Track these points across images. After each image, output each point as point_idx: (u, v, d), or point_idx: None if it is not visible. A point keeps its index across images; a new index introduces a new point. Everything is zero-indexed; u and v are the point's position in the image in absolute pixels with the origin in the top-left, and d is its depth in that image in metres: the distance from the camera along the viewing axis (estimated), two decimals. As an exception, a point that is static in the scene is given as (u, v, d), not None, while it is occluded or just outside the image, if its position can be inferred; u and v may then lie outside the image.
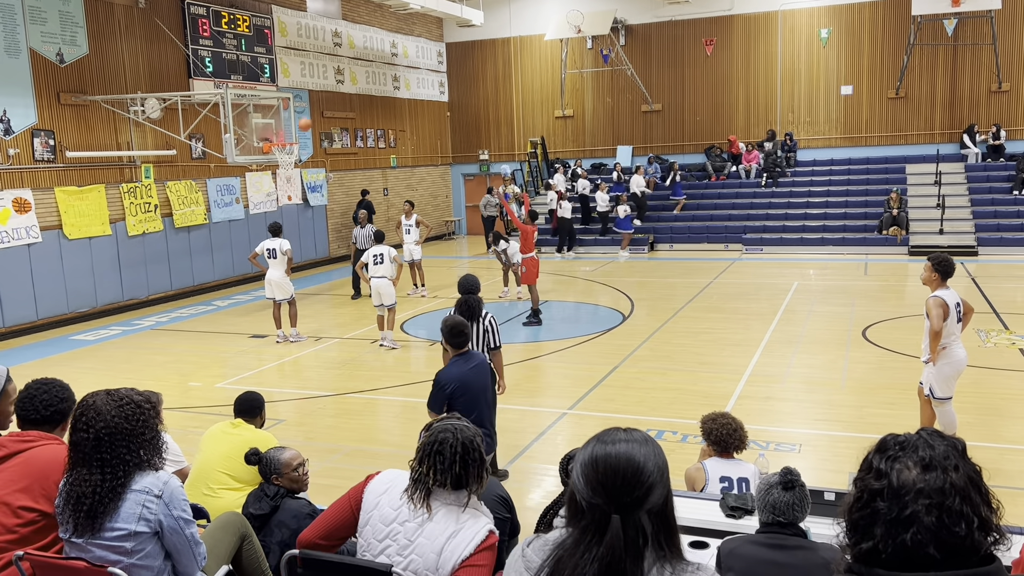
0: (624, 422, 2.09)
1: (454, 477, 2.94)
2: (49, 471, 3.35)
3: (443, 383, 5.77)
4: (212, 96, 15.88)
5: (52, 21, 14.42)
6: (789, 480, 3.45)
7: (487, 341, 6.94)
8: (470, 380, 5.86)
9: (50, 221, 14.46)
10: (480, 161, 27.94)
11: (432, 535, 2.91)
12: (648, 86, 25.52)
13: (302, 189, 20.87)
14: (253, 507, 4.41)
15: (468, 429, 3.05)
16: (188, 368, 11.44)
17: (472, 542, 2.87)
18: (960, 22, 22.27)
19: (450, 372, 5.84)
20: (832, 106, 24.13)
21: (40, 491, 3.33)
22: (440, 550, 2.88)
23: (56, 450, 3.45)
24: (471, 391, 5.84)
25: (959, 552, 1.47)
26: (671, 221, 23.02)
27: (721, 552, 3.38)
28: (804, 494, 3.43)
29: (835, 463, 7.06)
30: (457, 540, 2.88)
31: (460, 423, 3.07)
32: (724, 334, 12.17)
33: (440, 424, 3.07)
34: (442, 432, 3.00)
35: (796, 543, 3.29)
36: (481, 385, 5.97)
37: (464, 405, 5.65)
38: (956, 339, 6.80)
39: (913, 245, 19.78)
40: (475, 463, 2.99)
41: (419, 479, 2.97)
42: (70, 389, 3.69)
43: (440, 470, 2.93)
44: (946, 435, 1.60)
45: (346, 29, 22.68)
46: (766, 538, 3.35)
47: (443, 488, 2.95)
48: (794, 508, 3.39)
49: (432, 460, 2.95)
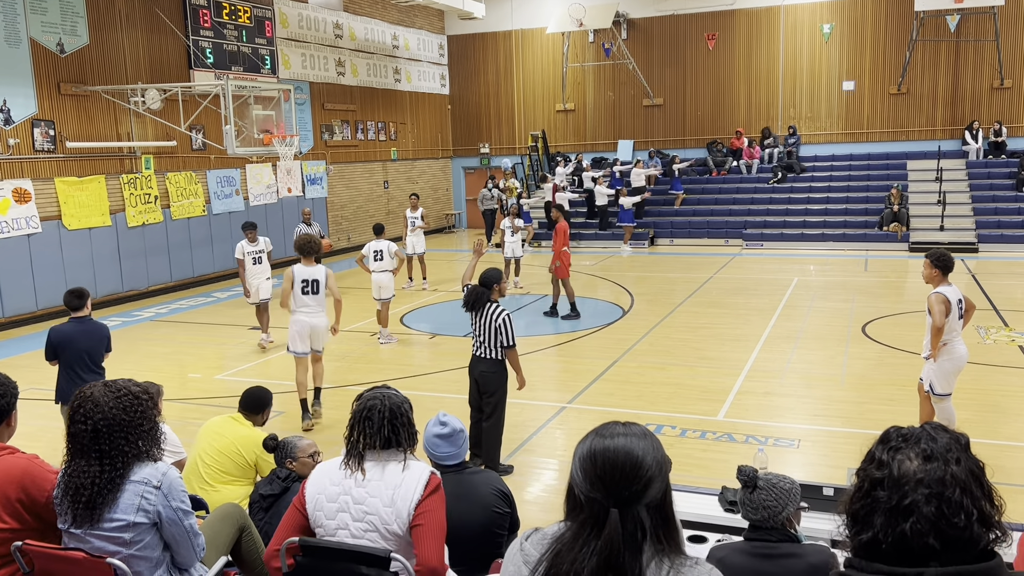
0: (623, 416, 2.09)
1: (383, 439, 3.15)
2: (4, 487, 3.24)
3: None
4: (213, 87, 15.85)
5: (53, 11, 14.38)
6: (743, 479, 3.37)
7: (500, 340, 6.85)
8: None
9: (50, 211, 14.44)
10: (481, 154, 27.91)
11: (378, 491, 3.09)
12: (649, 80, 25.47)
13: (302, 181, 20.85)
14: (264, 488, 4.46)
15: (396, 395, 3.29)
16: (188, 359, 11.44)
17: (418, 486, 3.08)
18: (963, 18, 22.22)
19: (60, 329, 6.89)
20: (834, 102, 24.09)
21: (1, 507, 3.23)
22: (391, 501, 3.07)
23: (7, 462, 3.29)
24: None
25: (959, 544, 1.47)
26: (671, 216, 22.99)
27: (710, 559, 3.32)
28: (760, 497, 3.28)
29: (834, 459, 7.06)
30: (403, 489, 3.08)
31: (389, 390, 3.31)
32: (724, 329, 12.17)
33: (369, 392, 3.30)
34: (371, 399, 3.24)
35: (783, 551, 3.20)
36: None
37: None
38: (957, 336, 6.80)
39: (914, 242, 19.76)
40: (404, 426, 3.22)
41: (351, 447, 3.19)
42: (10, 381, 3.56)
43: (369, 433, 3.15)
44: (950, 429, 1.60)
45: (347, 21, 22.63)
46: (752, 547, 3.26)
47: (374, 450, 3.15)
48: (747, 508, 3.28)
49: (362, 426, 3.18)
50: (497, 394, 6.94)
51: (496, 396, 6.93)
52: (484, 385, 6.95)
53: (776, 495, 3.27)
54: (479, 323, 6.98)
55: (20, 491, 3.24)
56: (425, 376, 10.33)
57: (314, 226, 15.51)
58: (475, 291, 6.98)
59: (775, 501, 3.26)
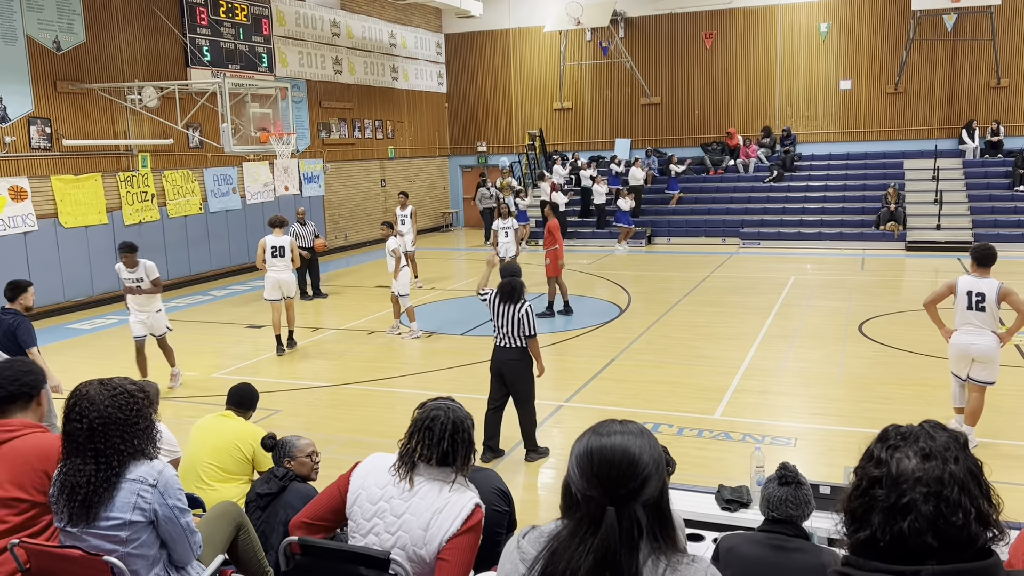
0: (620, 414, 2.08)
1: (441, 453, 3.00)
2: (34, 460, 3.32)
3: None
4: (210, 85, 15.82)
5: (49, 8, 14.34)
6: (784, 475, 3.46)
7: (523, 329, 7.14)
8: None
9: (46, 209, 14.41)
10: (478, 153, 27.89)
11: (418, 511, 2.95)
12: (647, 79, 25.47)
13: (299, 179, 20.83)
14: (261, 487, 4.46)
15: (461, 410, 3.12)
16: (184, 357, 11.40)
17: (458, 518, 2.91)
18: (960, 17, 22.25)
19: None
20: (831, 101, 24.12)
21: (29, 482, 3.30)
22: (427, 525, 2.92)
23: (40, 439, 3.41)
24: None
25: (956, 542, 1.47)
26: (669, 215, 23.00)
27: (721, 547, 3.37)
28: (802, 493, 3.40)
29: (830, 457, 7.06)
30: (443, 515, 2.92)
31: (453, 403, 3.14)
32: (721, 328, 12.17)
33: (434, 402, 3.13)
34: (434, 409, 3.08)
35: (796, 545, 3.27)
36: None
37: None
38: (964, 325, 7.06)
39: (910, 240, 19.79)
40: (463, 442, 3.05)
41: (406, 454, 3.04)
42: (36, 365, 3.69)
43: (428, 445, 3.00)
44: (948, 428, 1.60)
45: (344, 19, 22.60)
46: (767, 538, 3.33)
47: (428, 464, 3.00)
48: (787, 504, 3.37)
49: (421, 435, 3.02)
50: (526, 381, 7.27)
51: (525, 383, 7.27)
52: (509, 375, 7.23)
53: (807, 493, 3.42)
54: (506, 315, 7.20)
55: (50, 465, 3.26)
56: (419, 375, 10.32)
57: (309, 225, 15.47)
58: (511, 284, 7.26)
59: (808, 498, 3.41)
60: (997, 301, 6.93)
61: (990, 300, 6.93)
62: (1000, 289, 6.94)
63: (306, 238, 14.96)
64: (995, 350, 7.00)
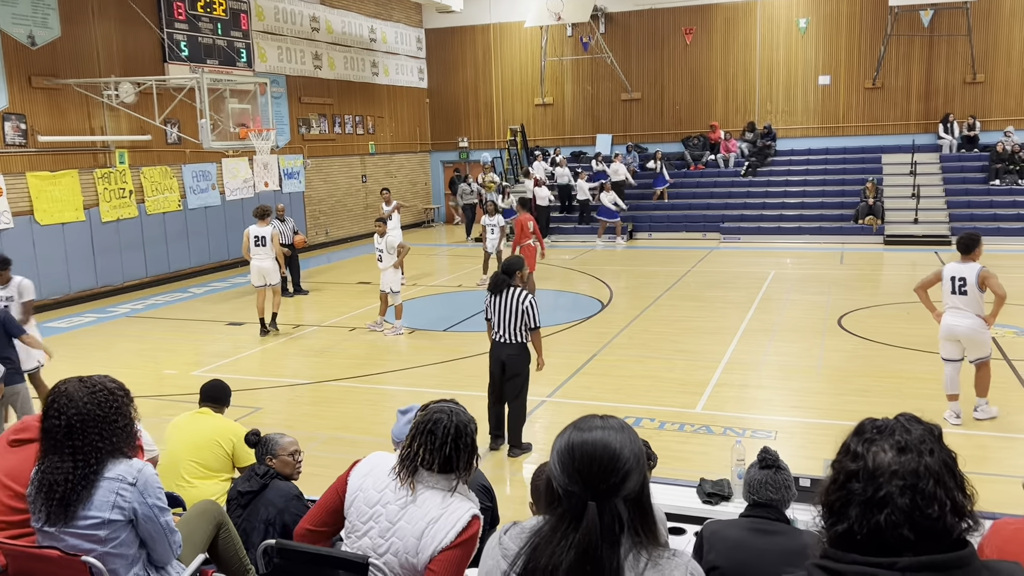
0: (602, 409, 2.09)
1: (443, 459, 2.88)
2: None
3: None
4: (187, 81, 15.67)
5: (24, 2, 14.15)
6: (764, 458, 3.51)
7: (525, 321, 7.20)
8: None
9: (22, 207, 14.23)
10: (460, 148, 27.84)
11: (414, 519, 2.86)
12: (628, 74, 25.52)
13: (279, 175, 20.70)
14: (242, 485, 4.43)
15: (464, 413, 3.00)
16: (163, 356, 11.34)
17: (453, 529, 2.82)
18: (936, 13, 22.44)
19: None
20: (810, 96, 24.27)
21: None
22: (420, 534, 2.83)
23: None
24: None
25: (932, 534, 1.48)
26: (650, 210, 23.07)
27: (704, 532, 3.41)
28: (781, 476, 3.45)
29: (810, 450, 7.12)
30: (438, 526, 2.83)
31: (457, 406, 3.02)
32: (701, 322, 12.24)
33: (437, 404, 3.01)
34: (437, 412, 2.95)
35: (778, 528, 3.32)
36: None
37: None
38: (950, 308, 7.50)
39: (888, 235, 19.97)
40: (466, 448, 2.93)
41: (407, 458, 2.92)
42: None
43: (430, 450, 2.88)
44: (923, 420, 1.62)
45: (324, 14, 22.47)
46: (750, 522, 3.38)
47: (430, 471, 2.89)
48: (767, 487, 3.41)
49: (424, 439, 2.89)
50: (522, 375, 7.31)
51: (521, 377, 7.30)
52: (511, 368, 7.26)
53: (788, 477, 3.48)
54: (500, 309, 7.23)
55: None
56: (401, 371, 10.30)
57: (288, 221, 15.38)
58: (496, 277, 7.34)
59: (788, 483, 3.46)
60: (978, 284, 7.32)
61: (971, 284, 7.34)
62: (979, 273, 7.33)
63: (286, 234, 14.87)
64: (978, 331, 7.44)
